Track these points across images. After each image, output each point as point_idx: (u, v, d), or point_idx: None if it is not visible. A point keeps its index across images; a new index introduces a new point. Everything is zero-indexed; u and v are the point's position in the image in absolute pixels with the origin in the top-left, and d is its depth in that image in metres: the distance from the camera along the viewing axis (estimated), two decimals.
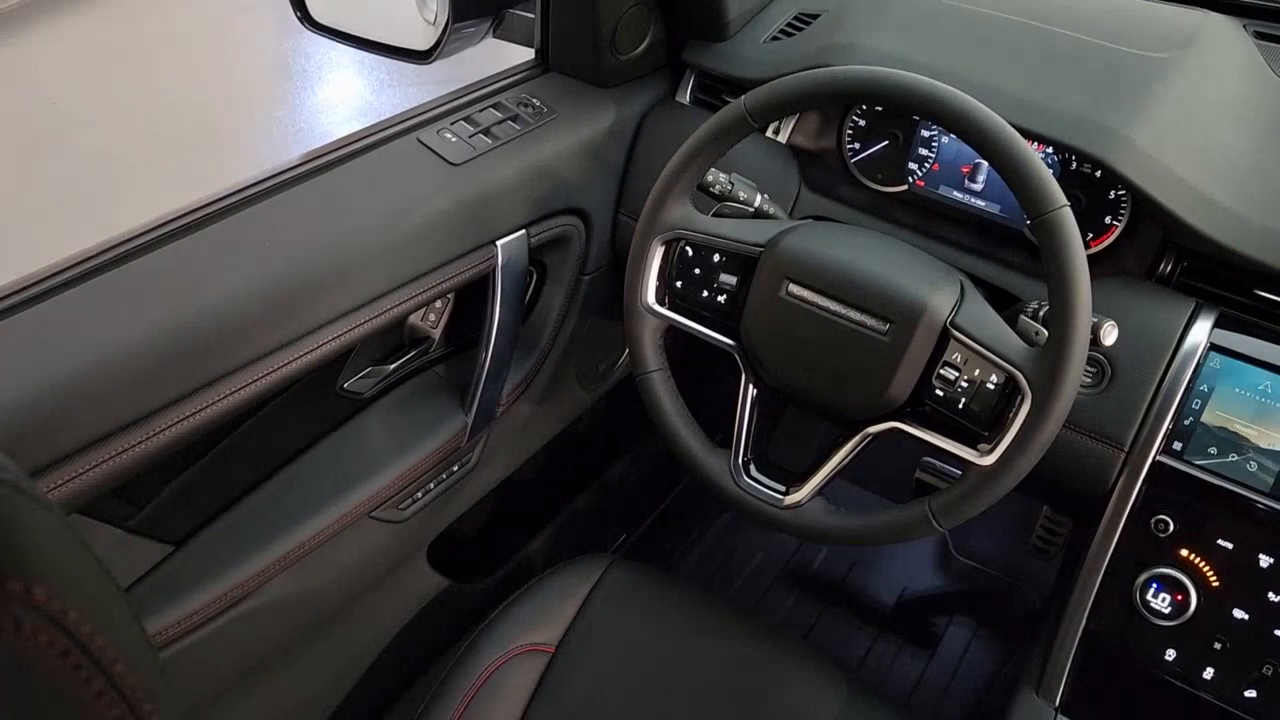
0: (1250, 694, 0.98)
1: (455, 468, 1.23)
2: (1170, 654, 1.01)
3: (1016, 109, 1.05)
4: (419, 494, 1.19)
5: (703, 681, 1.11)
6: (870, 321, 0.95)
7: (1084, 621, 1.05)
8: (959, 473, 1.61)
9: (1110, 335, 0.93)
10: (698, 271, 1.04)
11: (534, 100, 1.22)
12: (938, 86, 0.90)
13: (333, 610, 1.18)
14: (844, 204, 1.20)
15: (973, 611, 1.74)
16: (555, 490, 1.62)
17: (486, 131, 1.15)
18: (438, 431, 1.18)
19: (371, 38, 1.30)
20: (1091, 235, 1.13)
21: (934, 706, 1.58)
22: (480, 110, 1.18)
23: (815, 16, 1.29)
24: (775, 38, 1.29)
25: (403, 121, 1.14)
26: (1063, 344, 0.86)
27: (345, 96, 4.12)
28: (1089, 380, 1.03)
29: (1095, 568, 1.03)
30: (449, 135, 1.13)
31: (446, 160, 1.10)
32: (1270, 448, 0.96)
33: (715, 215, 1.08)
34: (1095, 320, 0.93)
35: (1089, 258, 1.12)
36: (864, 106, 1.22)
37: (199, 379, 0.88)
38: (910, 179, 1.22)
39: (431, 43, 1.24)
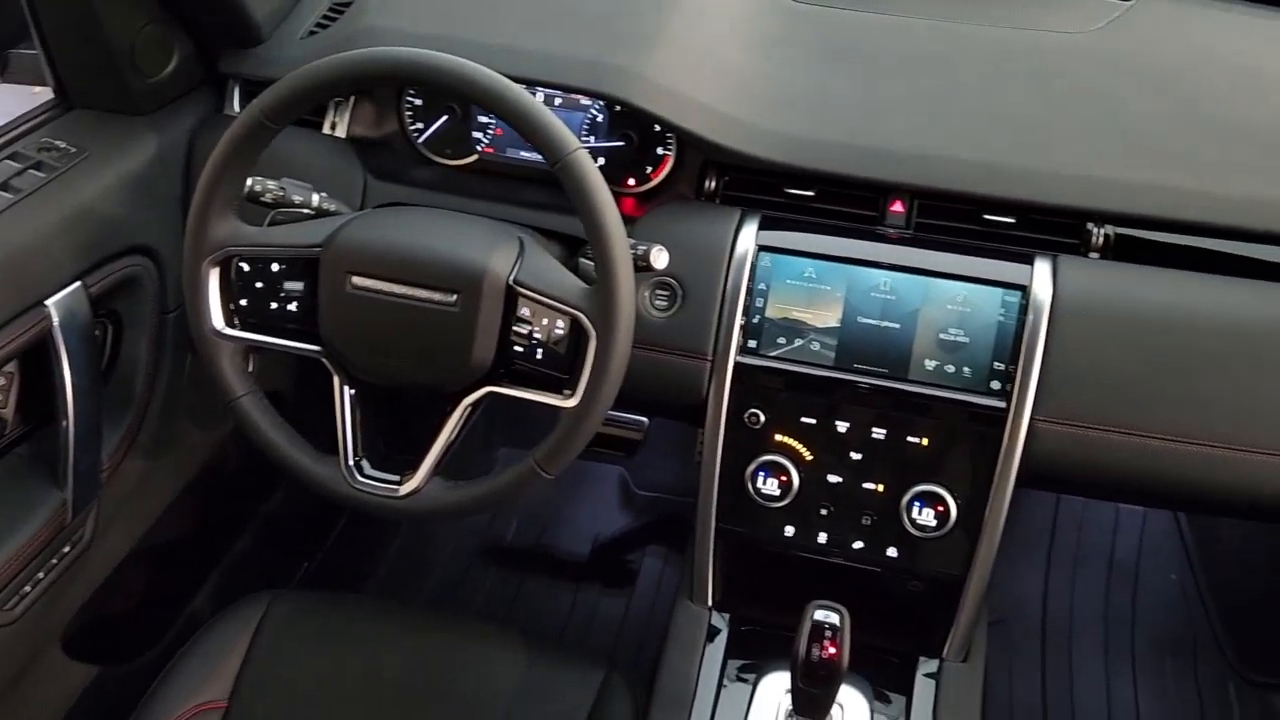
0: (858, 545, 1.10)
1: (67, 549, 1.14)
2: (789, 530, 1.11)
3: (531, 64, 1.10)
4: (27, 587, 1.09)
5: (385, 692, 1.10)
6: (438, 296, 0.96)
7: (713, 520, 1.12)
8: (627, 415, 1.68)
9: (660, 259, 0.99)
10: (260, 285, 1.01)
11: (58, 142, 1.13)
12: (436, 56, 0.91)
13: None
14: (418, 186, 1.20)
15: (663, 540, 1.83)
16: (211, 538, 1.54)
17: (4, 186, 1.05)
18: (32, 516, 1.08)
19: None
20: (650, 168, 1.20)
21: (638, 641, 1.65)
22: None
23: (348, 4, 1.28)
24: (312, 32, 1.26)
25: None
26: (608, 277, 0.91)
27: None
28: (664, 304, 1.10)
29: (711, 468, 1.11)
30: None
31: None
32: (825, 325, 1.07)
33: (271, 223, 1.05)
34: (644, 248, 0.99)
35: (650, 190, 1.21)
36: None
37: None
38: (478, 148, 1.24)
39: None
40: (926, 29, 1.22)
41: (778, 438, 1.09)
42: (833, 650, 0.94)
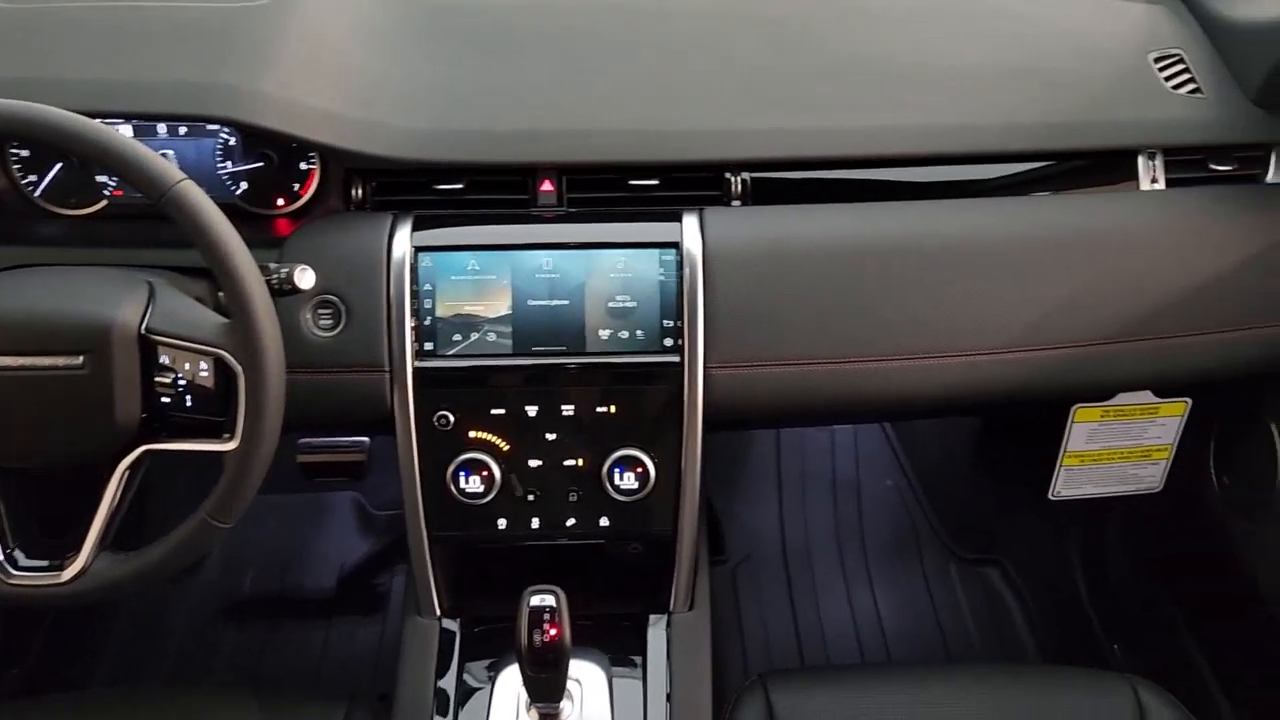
0: (571, 522, 1.11)
1: None
2: (501, 523, 1.11)
3: (125, 97, 1.02)
4: None
5: None
6: (62, 361, 0.88)
7: (423, 529, 1.11)
8: (345, 438, 1.62)
9: (305, 279, 0.95)
10: None
11: None
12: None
13: None
14: (41, 244, 1.10)
15: (408, 556, 1.79)
16: None
17: None
18: None
19: None
20: (297, 185, 1.15)
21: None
22: None
23: None
24: None
25: None
26: (242, 308, 0.87)
27: None
28: (329, 322, 1.06)
29: (411, 478, 1.09)
30: None
31: None
32: (497, 314, 1.07)
33: None
34: (286, 270, 0.95)
35: (302, 208, 1.16)
36: None
37: None
38: (106, 193, 1.15)
39: None
40: (549, 5, 1.23)
41: (472, 434, 1.08)
42: (554, 632, 0.94)
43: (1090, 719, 1.10)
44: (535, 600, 0.96)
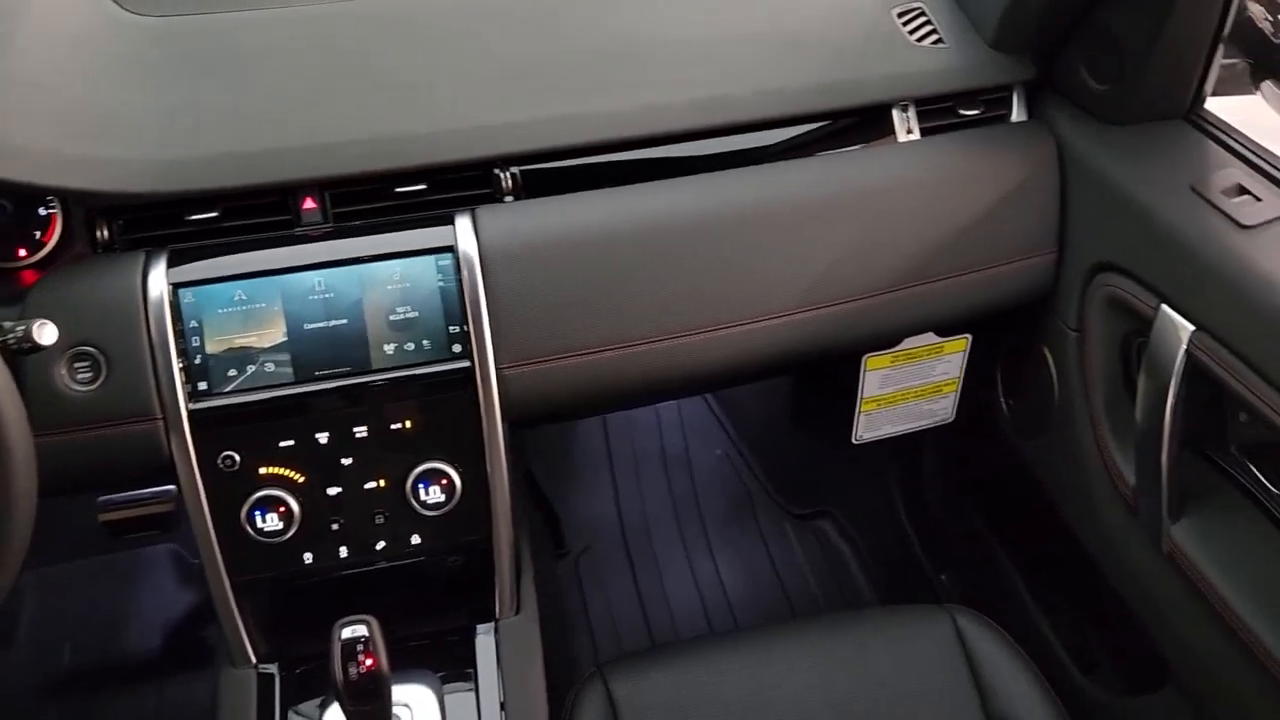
0: (381, 545, 1.08)
1: None
2: (308, 557, 1.07)
3: None
4: None
5: None
6: None
7: (224, 577, 1.06)
8: (148, 490, 1.52)
9: (45, 333, 0.89)
10: None
11: None
12: None
13: None
14: None
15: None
16: None
17: None
18: None
19: None
20: (39, 233, 1.07)
21: None
22: None
23: None
24: None
25: None
26: None
27: None
28: (87, 375, 0.99)
29: (203, 526, 1.04)
30: None
31: None
32: (273, 343, 1.02)
33: None
34: (22, 328, 0.88)
35: (48, 256, 1.08)
36: None
37: None
38: None
39: None
40: (282, 20, 1.18)
41: (263, 471, 1.03)
42: (369, 662, 0.92)
43: (915, 651, 1.14)
44: (346, 633, 0.93)
